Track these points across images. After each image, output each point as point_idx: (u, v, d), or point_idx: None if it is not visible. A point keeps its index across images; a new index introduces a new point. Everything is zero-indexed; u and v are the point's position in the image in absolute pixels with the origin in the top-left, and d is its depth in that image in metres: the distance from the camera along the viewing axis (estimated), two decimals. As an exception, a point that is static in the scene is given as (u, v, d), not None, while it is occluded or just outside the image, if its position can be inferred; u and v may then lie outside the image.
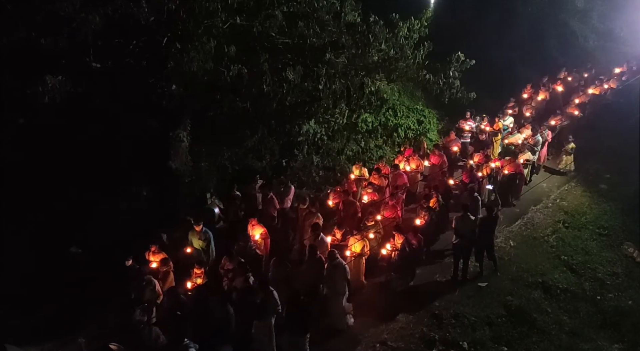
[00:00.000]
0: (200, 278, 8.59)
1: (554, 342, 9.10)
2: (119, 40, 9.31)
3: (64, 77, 8.36)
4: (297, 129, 12.57)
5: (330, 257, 8.61)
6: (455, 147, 14.00)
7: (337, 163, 13.85)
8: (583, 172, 15.06)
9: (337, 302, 8.67)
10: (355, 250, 9.41)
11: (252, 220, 9.88)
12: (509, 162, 12.96)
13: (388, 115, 15.61)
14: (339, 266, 8.54)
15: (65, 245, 9.67)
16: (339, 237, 9.68)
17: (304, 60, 10.37)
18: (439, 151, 13.25)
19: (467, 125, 14.98)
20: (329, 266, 8.63)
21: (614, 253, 11.84)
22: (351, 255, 9.34)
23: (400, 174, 12.11)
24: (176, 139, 10.72)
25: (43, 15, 8.12)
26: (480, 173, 12.53)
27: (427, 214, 10.70)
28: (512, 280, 10.55)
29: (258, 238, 9.73)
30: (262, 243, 9.77)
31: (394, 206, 11.04)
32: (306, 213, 10.45)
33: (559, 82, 17.58)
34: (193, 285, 8.51)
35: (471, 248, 10.40)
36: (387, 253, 9.91)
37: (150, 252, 8.90)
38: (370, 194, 11.39)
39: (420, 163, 12.99)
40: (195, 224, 9.43)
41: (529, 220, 12.77)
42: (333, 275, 8.58)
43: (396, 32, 11.34)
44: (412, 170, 12.85)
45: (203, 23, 9.26)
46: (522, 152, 13.53)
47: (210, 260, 9.43)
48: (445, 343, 8.80)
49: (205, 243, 9.45)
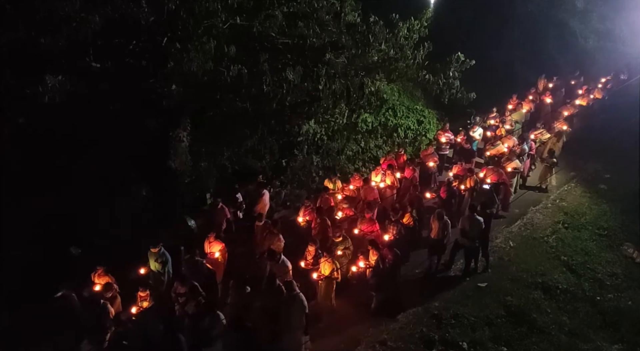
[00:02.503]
0: (146, 301, 8.05)
1: (553, 342, 9.10)
2: (118, 40, 9.32)
3: (64, 77, 8.35)
4: (297, 129, 12.57)
5: (288, 287, 7.95)
6: (432, 162, 13.19)
7: (337, 163, 13.86)
8: (582, 172, 15.08)
9: (293, 336, 7.96)
10: (324, 272, 8.84)
11: (210, 235, 9.37)
12: (492, 171, 12.30)
13: (388, 115, 15.62)
14: (296, 298, 7.85)
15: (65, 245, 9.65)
16: (309, 259, 9.11)
17: (304, 61, 10.38)
18: (413, 164, 12.64)
19: (444, 137, 14.34)
20: (286, 296, 7.94)
21: (614, 254, 11.84)
22: (318, 277, 8.84)
23: (371, 188, 11.42)
24: (176, 139, 10.73)
25: (43, 15, 8.11)
26: (463, 186, 11.83)
27: (395, 228, 10.05)
28: (511, 280, 10.55)
29: (218, 255, 9.22)
30: (221, 260, 9.26)
31: (372, 219, 10.27)
32: (266, 233, 9.70)
33: (548, 94, 17.06)
34: (138, 309, 7.98)
35: (478, 248, 10.45)
36: (359, 270, 9.23)
37: (96, 274, 8.39)
38: (345, 209, 10.75)
39: (395, 180, 12.00)
40: (153, 246, 8.89)
41: (529, 220, 12.76)
42: (290, 306, 7.89)
43: (396, 33, 11.36)
44: (386, 186, 11.92)
45: (203, 23, 9.26)
46: (510, 160, 12.85)
47: (165, 283, 8.93)
48: (444, 343, 8.80)
49: (161, 266, 8.94)
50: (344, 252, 9.54)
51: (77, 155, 9.89)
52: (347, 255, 9.62)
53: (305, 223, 10.49)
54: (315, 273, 8.84)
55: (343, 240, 9.60)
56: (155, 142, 10.54)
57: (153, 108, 9.97)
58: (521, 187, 13.90)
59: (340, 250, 9.49)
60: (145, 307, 7.99)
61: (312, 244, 9.23)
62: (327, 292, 9.02)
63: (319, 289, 9.03)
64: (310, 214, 10.51)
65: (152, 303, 8.07)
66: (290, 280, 8.13)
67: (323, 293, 9.00)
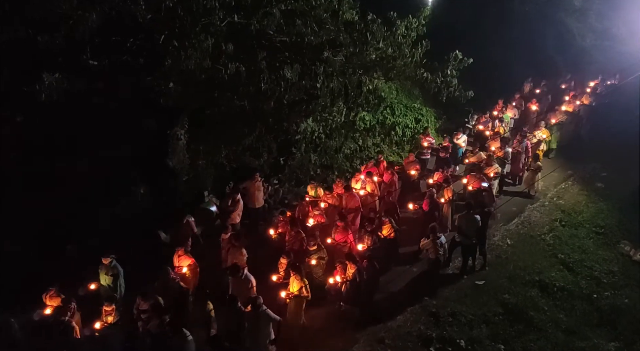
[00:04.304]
0: (111, 316, 7.57)
1: (550, 340, 9.13)
2: (116, 38, 9.29)
3: (61, 75, 8.31)
4: (295, 127, 12.54)
5: (253, 304, 7.57)
6: (413, 170, 12.74)
7: (335, 161, 13.86)
8: (580, 171, 15.11)
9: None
10: (293, 289, 8.39)
11: (179, 249, 8.85)
12: (474, 178, 11.94)
13: (386, 113, 15.64)
14: (261, 315, 7.54)
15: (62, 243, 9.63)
16: (282, 272, 8.79)
17: (302, 59, 10.37)
18: (391, 169, 12.30)
19: (426, 141, 14.13)
20: (251, 314, 7.61)
21: (611, 252, 11.88)
22: (287, 296, 8.39)
23: (352, 196, 10.97)
24: (174, 137, 10.71)
25: (40, 13, 8.09)
26: (443, 199, 11.37)
27: (370, 239, 9.68)
28: (509, 278, 10.58)
29: (186, 270, 8.72)
30: (190, 276, 8.76)
31: (345, 228, 9.87)
32: (230, 247, 9.19)
33: (534, 100, 16.65)
34: (102, 324, 7.48)
35: (475, 246, 10.47)
36: (336, 282, 8.83)
37: (48, 295, 7.79)
38: (316, 216, 10.33)
39: (375, 187, 11.63)
40: (104, 257, 8.39)
41: (526, 218, 12.80)
42: (256, 324, 7.58)
43: (394, 31, 11.35)
44: (366, 193, 11.48)
45: (200, 21, 9.25)
46: (490, 166, 12.50)
47: (119, 297, 8.38)
48: (442, 341, 8.82)
49: (112, 279, 8.42)
50: (318, 261, 9.18)
51: (74, 154, 9.86)
52: (321, 265, 9.26)
53: (277, 236, 10.02)
54: (283, 291, 8.41)
55: (318, 249, 9.26)
56: (153, 140, 10.51)
57: (151, 107, 9.94)
58: (506, 194, 13.48)
59: (315, 259, 9.14)
60: (110, 323, 7.51)
61: (284, 257, 8.92)
62: (296, 310, 8.52)
63: (288, 307, 8.51)
64: (283, 227, 10.04)
65: (117, 318, 7.61)
66: (254, 297, 7.69)
67: (292, 311, 8.51)
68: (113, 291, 8.39)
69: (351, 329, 8.85)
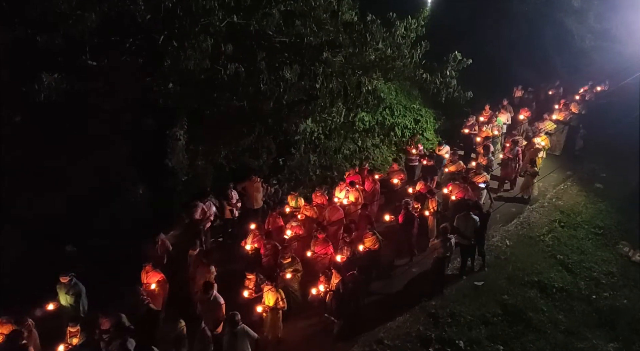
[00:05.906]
0: (76, 337, 7.23)
1: (549, 341, 9.14)
2: (115, 38, 9.27)
3: (60, 75, 8.30)
4: (294, 128, 12.53)
5: (230, 322, 7.26)
6: (396, 180, 12.36)
7: (334, 162, 13.85)
8: (579, 171, 15.12)
9: None
10: (269, 302, 8.17)
11: (147, 265, 8.47)
12: (458, 187, 11.58)
13: (385, 114, 15.62)
14: (238, 334, 7.27)
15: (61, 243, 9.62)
16: (252, 288, 8.50)
17: (301, 59, 10.35)
18: (372, 176, 12.04)
19: (414, 148, 13.86)
20: (228, 335, 7.33)
21: (610, 253, 11.90)
22: (264, 310, 8.17)
23: (336, 208, 10.69)
24: (173, 137, 10.69)
25: (39, 13, 8.07)
26: (428, 212, 11.01)
27: (349, 250, 9.42)
28: (508, 279, 10.60)
29: (155, 287, 8.33)
30: (158, 291, 8.37)
31: (325, 240, 9.56)
32: (199, 265, 8.90)
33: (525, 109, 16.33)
34: (66, 347, 7.13)
35: (474, 247, 10.46)
36: (319, 293, 8.65)
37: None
38: (294, 228, 10.05)
39: (359, 196, 11.29)
40: (62, 276, 7.93)
41: (525, 219, 12.81)
42: (233, 343, 7.27)
43: (393, 31, 11.34)
44: (349, 203, 11.19)
45: (200, 21, 9.23)
46: (478, 174, 12.10)
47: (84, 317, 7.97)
48: (441, 341, 8.83)
49: (74, 298, 7.98)
50: (293, 274, 8.90)
51: (73, 154, 9.85)
52: (297, 278, 8.99)
53: (253, 251, 9.70)
54: (259, 306, 8.16)
55: (292, 261, 8.97)
56: (152, 141, 10.50)
57: (150, 107, 9.93)
58: (500, 199, 13.18)
59: (289, 272, 8.84)
60: (75, 345, 7.15)
61: (249, 273, 8.63)
62: (273, 324, 8.31)
63: (264, 322, 8.30)
64: (258, 241, 9.74)
65: (83, 339, 7.26)
66: (231, 314, 7.37)
67: (270, 325, 8.30)
68: (76, 311, 7.94)
69: (333, 340, 8.69)
